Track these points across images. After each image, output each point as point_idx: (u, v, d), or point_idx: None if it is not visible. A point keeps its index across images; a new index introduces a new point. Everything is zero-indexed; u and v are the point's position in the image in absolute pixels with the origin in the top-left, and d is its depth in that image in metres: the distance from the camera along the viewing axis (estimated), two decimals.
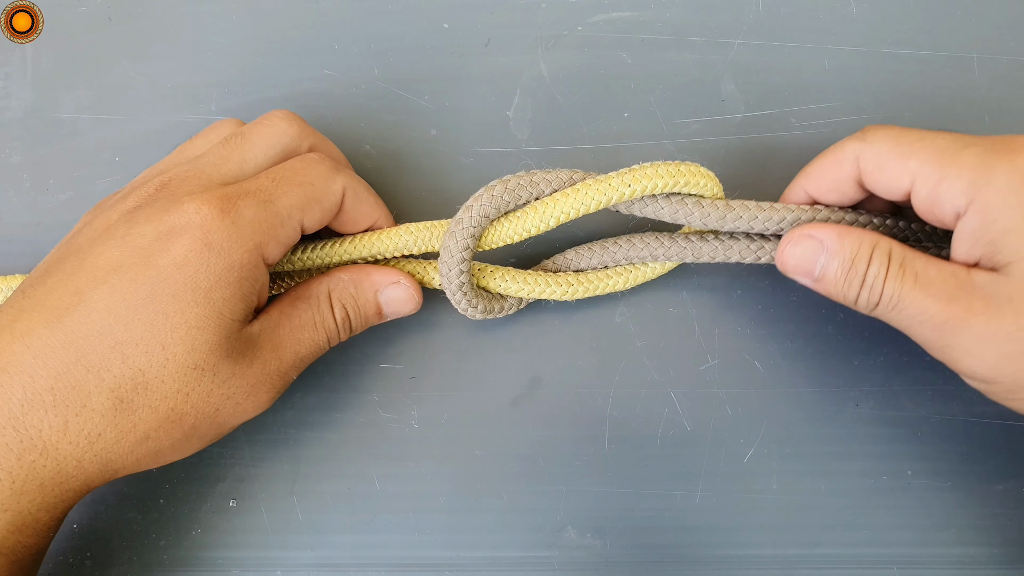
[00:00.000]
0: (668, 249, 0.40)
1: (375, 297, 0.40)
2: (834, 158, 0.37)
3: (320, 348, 0.39)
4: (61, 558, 0.42)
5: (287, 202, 0.36)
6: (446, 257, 0.39)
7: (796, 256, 0.37)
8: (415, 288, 0.41)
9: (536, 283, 0.41)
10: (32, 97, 0.46)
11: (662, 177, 0.38)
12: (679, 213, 0.39)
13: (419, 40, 0.45)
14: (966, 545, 0.41)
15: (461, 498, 0.42)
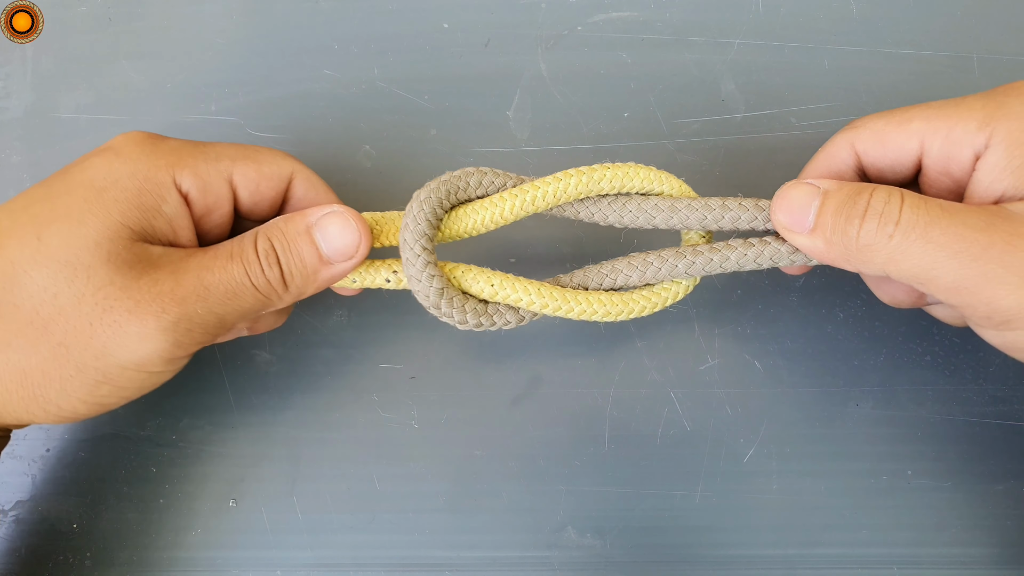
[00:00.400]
0: (694, 263, 0.37)
1: (308, 233, 0.35)
2: (827, 152, 0.36)
3: (236, 284, 0.34)
4: (61, 558, 0.42)
5: (220, 149, 0.36)
6: (406, 245, 0.36)
7: (789, 203, 0.34)
8: (355, 217, 0.36)
9: (547, 296, 0.37)
10: (32, 97, 0.46)
11: (640, 170, 0.36)
12: (661, 207, 0.36)
13: (419, 40, 0.45)
14: (966, 545, 0.41)
15: (461, 498, 0.42)
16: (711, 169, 0.44)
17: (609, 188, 0.36)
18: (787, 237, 0.35)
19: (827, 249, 0.33)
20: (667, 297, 0.38)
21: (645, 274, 0.37)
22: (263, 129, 0.45)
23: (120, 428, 0.43)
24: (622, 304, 0.38)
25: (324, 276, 0.36)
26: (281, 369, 0.43)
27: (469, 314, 0.36)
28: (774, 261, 0.36)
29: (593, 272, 0.38)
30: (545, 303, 0.37)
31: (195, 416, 0.43)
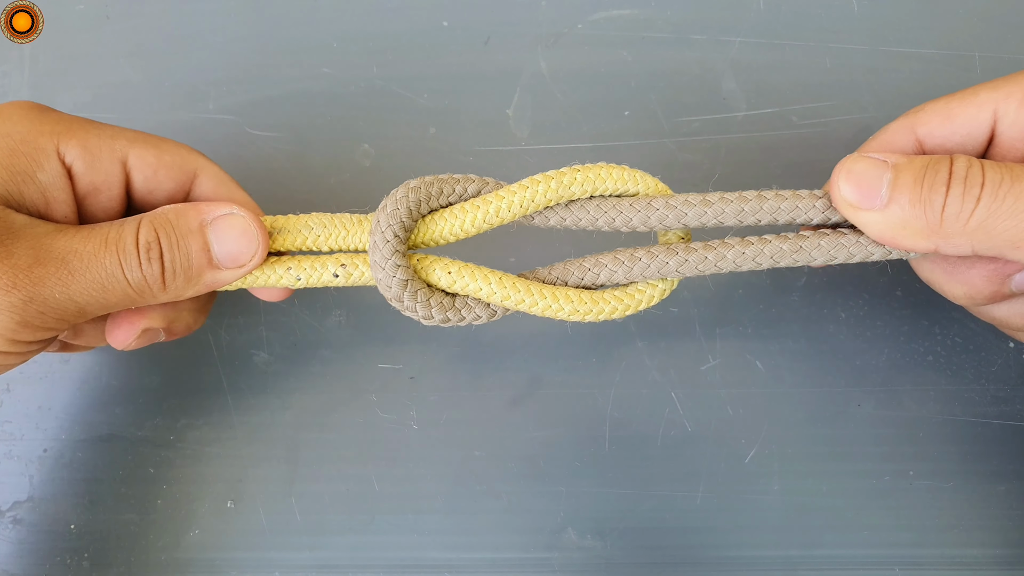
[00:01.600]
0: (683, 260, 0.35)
1: (201, 230, 0.32)
2: (882, 140, 0.33)
3: (106, 275, 0.31)
4: (59, 559, 0.42)
5: (118, 129, 0.34)
6: (377, 228, 0.34)
7: (857, 176, 0.31)
8: (255, 222, 0.33)
9: (514, 289, 0.35)
10: (30, 95, 0.45)
11: (613, 170, 0.34)
12: (636, 208, 0.34)
13: (418, 38, 0.45)
14: (968, 546, 0.41)
15: (460, 499, 0.42)
16: (712, 168, 0.43)
17: (581, 192, 0.34)
18: (852, 215, 0.32)
19: (904, 225, 0.30)
20: (641, 300, 0.35)
21: (632, 271, 0.35)
22: (261, 128, 0.44)
23: (118, 429, 0.43)
24: (591, 303, 0.35)
25: (208, 280, 0.33)
26: (280, 369, 0.43)
27: (435, 308, 0.34)
28: (775, 260, 0.34)
29: (574, 266, 0.35)
30: (507, 295, 0.34)
31: (193, 417, 0.43)
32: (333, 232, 0.35)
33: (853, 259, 0.34)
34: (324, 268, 0.35)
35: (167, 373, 0.43)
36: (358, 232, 0.35)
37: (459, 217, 0.34)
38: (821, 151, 0.43)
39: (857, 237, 0.34)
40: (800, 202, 0.34)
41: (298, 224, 0.35)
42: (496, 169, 0.44)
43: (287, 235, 0.35)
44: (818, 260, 0.34)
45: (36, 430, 0.43)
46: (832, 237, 0.34)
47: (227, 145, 0.44)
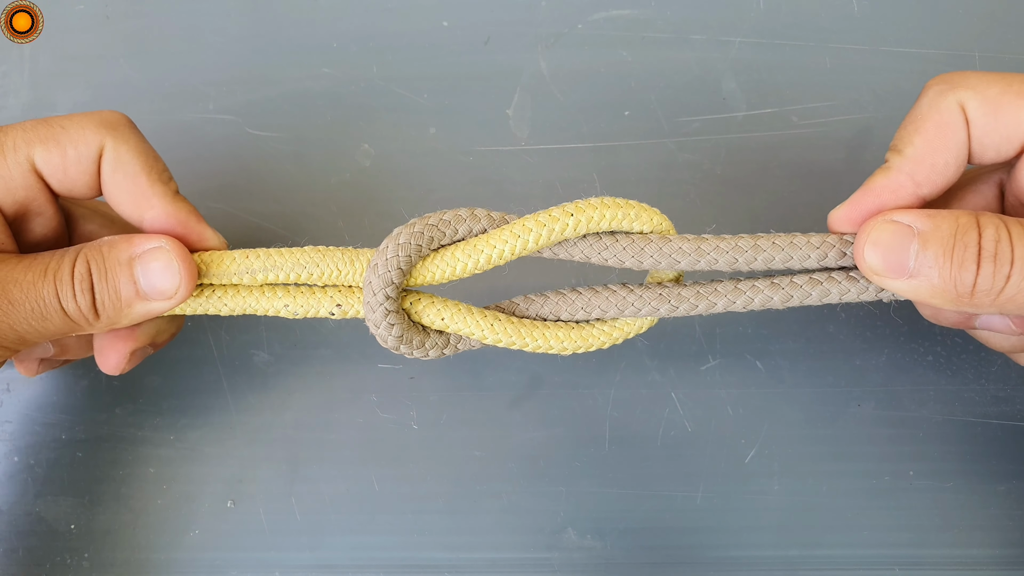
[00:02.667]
0: (641, 299, 0.35)
1: (130, 265, 0.33)
2: (937, 123, 0.31)
3: (45, 305, 0.32)
4: (59, 559, 0.42)
5: (15, 135, 0.33)
6: (370, 289, 0.34)
7: (881, 249, 0.30)
8: (181, 257, 0.33)
9: (486, 325, 0.35)
10: (30, 95, 0.45)
11: (608, 208, 0.33)
12: (628, 251, 0.34)
13: (418, 38, 0.45)
14: (968, 546, 0.41)
15: (460, 499, 0.42)
16: (712, 168, 0.43)
17: (574, 233, 0.34)
18: (878, 281, 0.31)
19: (932, 294, 0.30)
20: (630, 331, 0.36)
21: (624, 311, 0.35)
22: (262, 127, 0.44)
23: (118, 429, 0.43)
24: (581, 340, 0.36)
25: (140, 311, 0.34)
26: (279, 369, 0.43)
27: (431, 350, 0.36)
28: (764, 306, 0.35)
29: (566, 302, 0.36)
30: (498, 338, 0.35)
31: (193, 417, 0.43)
32: (326, 270, 0.35)
33: (848, 300, 0.34)
34: (320, 304, 0.36)
35: (167, 373, 0.43)
36: (350, 271, 0.36)
37: (451, 265, 0.35)
38: (821, 151, 0.43)
39: (851, 284, 0.34)
40: (796, 251, 0.34)
41: (288, 260, 0.35)
42: (496, 168, 0.44)
43: (251, 272, 0.35)
44: (812, 301, 0.34)
45: (36, 430, 0.43)
46: (825, 286, 0.34)
47: (227, 145, 0.44)
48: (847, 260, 0.33)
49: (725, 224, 0.43)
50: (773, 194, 0.43)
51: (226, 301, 0.36)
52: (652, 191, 0.43)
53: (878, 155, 0.43)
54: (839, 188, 0.43)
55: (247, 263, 0.35)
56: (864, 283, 0.33)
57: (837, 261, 0.33)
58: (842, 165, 0.43)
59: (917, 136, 0.32)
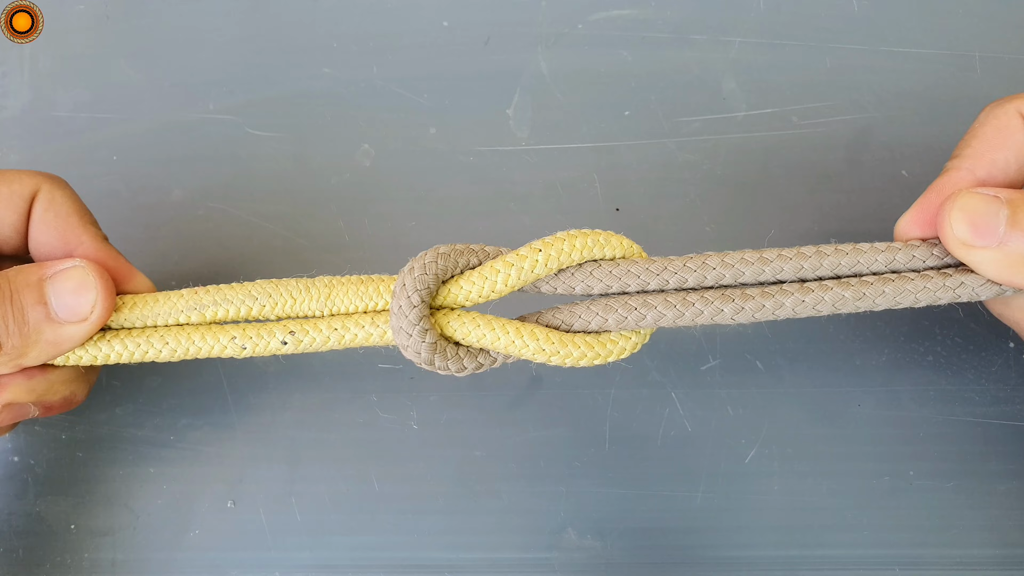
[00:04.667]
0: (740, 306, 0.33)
1: (40, 286, 0.31)
2: (995, 127, 0.31)
3: None
4: (59, 558, 0.42)
5: None
6: (403, 292, 0.33)
7: (969, 214, 0.30)
8: (97, 274, 0.32)
9: (530, 339, 0.33)
10: (30, 95, 0.45)
11: (576, 239, 0.33)
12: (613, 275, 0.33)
13: (418, 38, 0.45)
14: (968, 546, 0.41)
15: (460, 499, 0.42)
16: (712, 168, 0.43)
17: (546, 271, 0.33)
18: (964, 253, 0.31)
19: (1020, 260, 0.30)
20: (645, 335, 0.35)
21: (685, 314, 0.33)
22: (261, 128, 0.44)
23: (118, 428, 0.43)
24: (599, 346, 0.34)
25: (51, 337, 0.31)
26: (280, 369, 0.43)
27: (465, 359, 0.34)
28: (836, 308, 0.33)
29: (612, 311, 0.33)
30: (541, 348, 0.33)
31: (193, 416, 0.43)
32: (279, 300, 0.34)
33: (925, 299, 0.33)
34: (271, 336, 0.34)
35: (167, 373, 0.43)
36: (305, 299, 0.34)
37: (466, 289, 0.33)
38: (821, 151, 0.43)
39: (925, 280, 0.33)
40: (805, 260, 0.33)
41: (238, 292, 0.34)
42: (496, 169, 0.44)
43: (213, 306, 0.34)
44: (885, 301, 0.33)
45: (36, 430, 0.43)
46: (898, 283, 0.33)
47: (227, 145, 0.44)
48: (916, 263, 0.33)
49: (725, 224, 0.43)
50: (773, 194, 0.43)
51: (168, 340, 0.34)
52: (652, 191, 0.43)
53: (878, 155, 0.43)
54: (839, 188, 0.43)
55: (196, 298, 0.34)
56: (939, 279, 0.32)
57: (907, 264, 0.33)
58: (842, 165, 0.43)
59: (975, 139, 0.32)
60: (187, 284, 0.43)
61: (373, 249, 0.43)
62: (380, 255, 0.43)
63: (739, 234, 0.43)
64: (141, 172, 0.44)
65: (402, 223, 0.44)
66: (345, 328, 0.34)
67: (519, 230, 0.43)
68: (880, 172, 0.43)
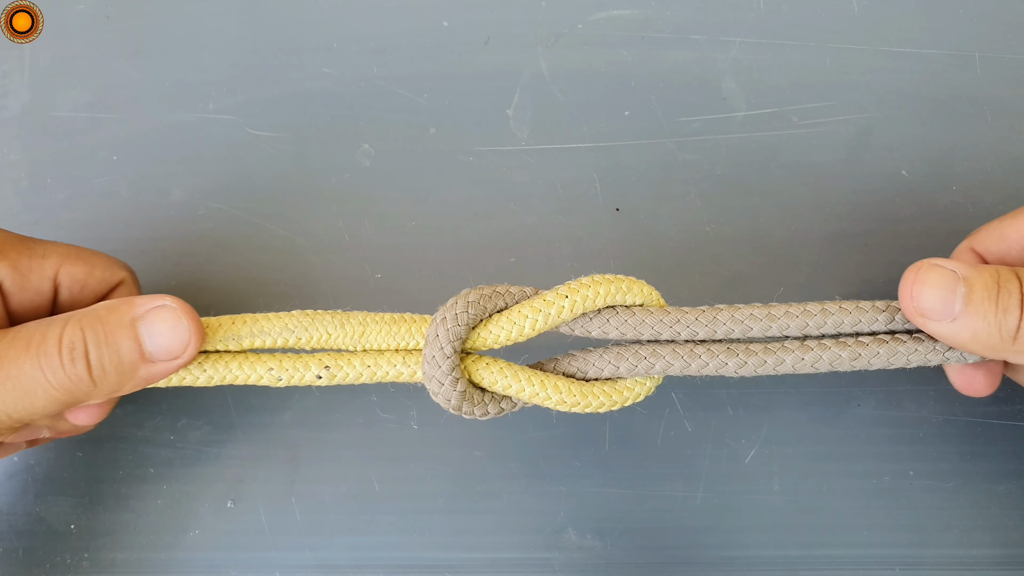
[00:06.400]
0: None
1: (132, 324, 0.32)
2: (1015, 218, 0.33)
3: (28, 380, 0.30)
4: (59, 559, 0.42)
5: (45, 246, 0.35)
6: (437, 343, 0.34)
7: (928, 288, 0.31)
8: (187, 313, 0.33)
9: (544, 387, 0.35)
10: (30, 95, 0.45)
11: (601, 285, 0.34)
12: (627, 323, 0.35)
13: (418, 38, 0.45)
14: (968, 546, 0.41)
15: (460, 499, 0.42)
16: (712, 168, 0.43)
17: (571, 316, 0.34)
18: (922, 324, 0.32)
19: (975, 339, 0.31)
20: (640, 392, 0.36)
21: (691, 366, 0.35)
22: (261, 128, 0.44)
23: (118, 428, 0.43)
24: (616, 394, 0.36)
25: (144, 375, 0.33)
26: None
27: (490, 405, 0.36)
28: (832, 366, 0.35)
29: (623, 359, 0.35)
30: (562, 399, 0.35)
31: (193, 416, 0.43)
32: (315, 334, 0.35)
33: (915, 361, 0.35)
34: (307, 369, 0.35)
35: None
36: (340, 334, 0.36)
37: (495, 334, 0.35)
38: (821, 151, 0.43)
39: (917, 344, 0.34)
40: (810, 319, 0.35)
41: (275, 324, 0.35)
42: (496, 169, 0.44)
43: (250, 336, 0.35)
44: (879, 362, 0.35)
45: None
46: (891, 345, 0.34)
47: (227, 145, 0.44)
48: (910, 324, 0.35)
49: (725, 224, 0.43)
50: (773, 194, 0.43)
51: (206, 368, 0.35)
52: (652, 191, 0.43)
53: (878, 155, 0.43)
54: (839, 188, 0.43)
55: (233, 329, 0.35)
56: (930, 343, 0.34)
57: (905, 324, 0.35)
58: (842, 165, 0.43)
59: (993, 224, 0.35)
60: (187, 284, 0.44)
61: (373, 249, 0.43)
62: (380, 255, 0.43)
63: (739, 234, 0.43)
64: (141, 172, 0.44)
65: (402, 223, 0.44)
66: (377, 365, 0.36)
67: (519, 230, 0.43)
68: (880, 172, 0.43)
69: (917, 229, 0.43)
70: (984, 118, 0.43)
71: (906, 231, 0.43)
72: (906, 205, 0.43)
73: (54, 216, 0.44)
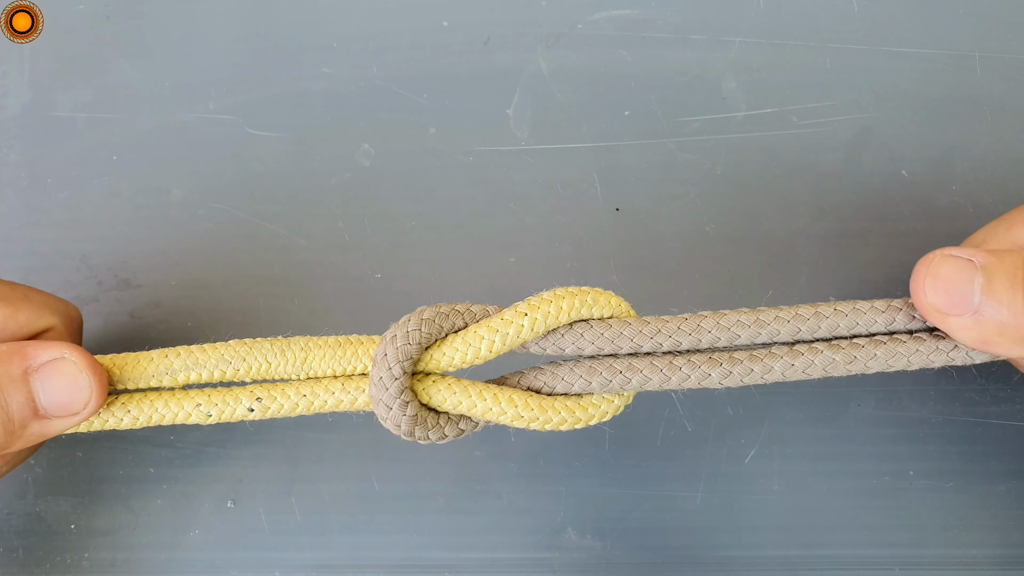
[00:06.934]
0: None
1: (24, 378, 0.29)
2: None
3: None
4: (59, 558, 0.42)
5: None
6: (384, 362, 0.31)
7: (943, 282, 0.28)
8: (89, 366, 0.30)
9: (504, 403, 0.32)
10: (30, 95, 0.45)
11: (564, 299, 0.32)
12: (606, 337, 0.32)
13: (418, 38, 0.45)
14: (968, 546, 0.41)
15: (460, 499, 0.42)
16: (712, 168, 0.43)
17: (532, 335, 0.32)
18: (938, 320, 0.30)
19: (1000, 331, 0.28)
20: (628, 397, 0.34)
21: (672, 378, 0.32)
22: (261, 127, 0.44)
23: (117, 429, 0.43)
24: (581, 410, 0.33)
25: (36, 431, 0.30)
26: None
27: (447, 427, 0.33)
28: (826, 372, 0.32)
29: (594, 371, 0.33)
30: (519, 414, 0.32)
31: None
32: (254, 364, 0.33)
33: (918, 363, 0.32)
34: (237, 402, 0.33)
35: None
36: (281, 363, 0.33)
37: (448, 356, 0.33)
38: (821, 151, 0.43)
39: (918, 343, 0.32)
40: (802, 323, 0.32)
41: (211, 355, 0.33)
42: (496, 169, 0.44)
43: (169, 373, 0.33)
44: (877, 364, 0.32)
45: None
46: (890, 346, 0.32)
47: (227, 145, 0.44)
48: (917, 323, 0.32)
49: (725, 224, 0.43)
50: (773, 194, 0.43)
51: (130, 408, 0.33)
52: (652, 191, 0.43)
53: (878, 155, 0.43)
54: (839, 188, 0.43)
55: (166, 363, 0.33)
56: (932, 343, 0.31)
57: (907, 324, 0.32)
58: (842, 165, 0.43)
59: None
60: (187, 284, 0.43)
61: (373, 249, 0.43)
62: (380, 255, 0.43)
63: (739, 234, 0.43)
64: (141, 172, 0.44)
65: (402, 223, 0.44)
66: (315, 394, 0.33)
67: (519, 230, 0.43)
68: (880, 172, 0.43)
69: (917, 229, 0.42)
70: (984, 118, 0.43)
71: (906, 231, 0.42)
72: (906, 205, 0.43)
73: (54, 216, 0.44)
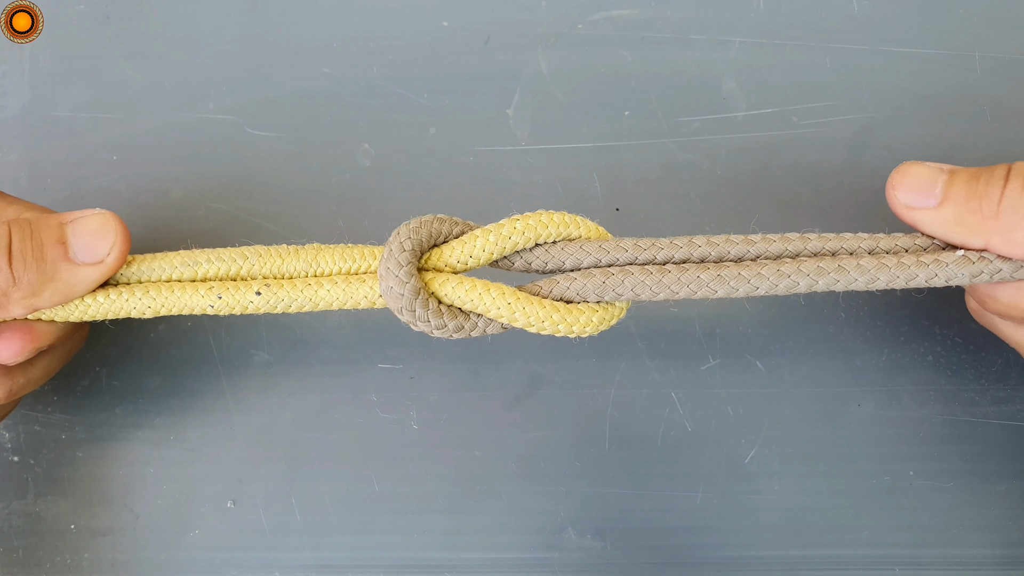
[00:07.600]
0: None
1: (60, 227, 0.32)
2: None
3: None
4: (59, 558, 0.42)
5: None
6: (396, 238, 0.34)
7: (912, 179, 0.32)
8: (115, 220, 0.33)
9: (518, 305, 0.34)
10: (29, 95, 0.45)
11: (552, 218, 0.34)
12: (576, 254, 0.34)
13: (418, 38, 0.45)
14: (968, 546, 0.41)
15: (460, 499, 0.42)
16: (712, 168, 0.43)
17: (524, 241, 0.34)
18: (906, 215, 0.33)
19: (958, 220, 0.31)
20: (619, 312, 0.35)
21: (663, 283, 0.34)
22: (261, 128, 0.44)
23: (117, 429, 0.43)
24: (609, 318, 0.35)
25: (66, 276, 0.32)
26: (279, 369, 0.43)
27: (446, 317, 0.34)
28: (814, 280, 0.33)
29: (594, 282, 0.34)
30: (521, 316, 0.34)
31: (193, 417, 0.43)
32: (268, 262, 0.35)
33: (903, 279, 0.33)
34: (248, 288, 0.35)
35: (167, 373, 0.43)
36: (293, 261, 0.36)
37: (447, 255, 0.35)
38: (821, 151, 0.43)
39: (909, 259, 0.33)
40: (789, 244, 0.34)
41: (231, 254, 0.35)
42: (496, 169, 0.44)
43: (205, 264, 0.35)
44: (817, 285, 0.33)
45: (36, 430, 0.43)
46: (883, 261, 0.33)
47: (227, 145, 0.44)
48: (898, 251, 0.34)
49: (725, 224, 0.43)
50: (773, 194, 0.43)
51: (149, 290, 0.35)
52: (652, 191, 0.43)
53: (878, 155, 0.43)
54: (839, 188, 0.43)
55: (191, 257, 0.35)
56: (913, 257, 0.33)
57: (889, 251, 0.34)
58: (842, 165, 0.43)
59: None
60: None
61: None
62: None
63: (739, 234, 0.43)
64: (141, 172, 0.44)
65: (402, 223, 0.44)
66: (320, 284, 0.35)
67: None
68: (880, 172, 0.43)
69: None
70: (984, 118, 0.43)
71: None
72: None
73: None
